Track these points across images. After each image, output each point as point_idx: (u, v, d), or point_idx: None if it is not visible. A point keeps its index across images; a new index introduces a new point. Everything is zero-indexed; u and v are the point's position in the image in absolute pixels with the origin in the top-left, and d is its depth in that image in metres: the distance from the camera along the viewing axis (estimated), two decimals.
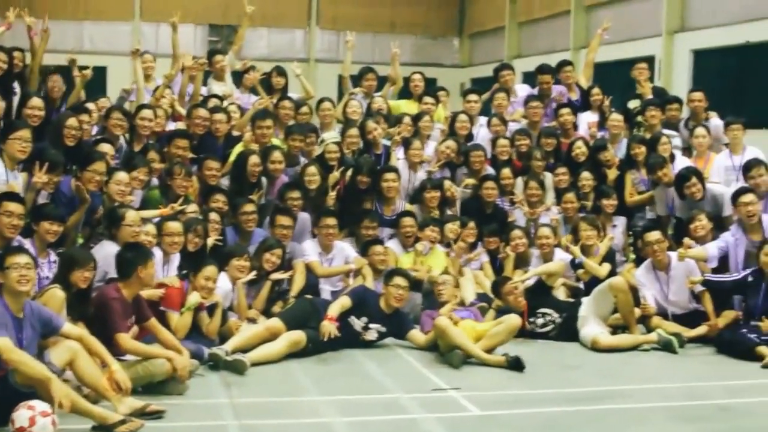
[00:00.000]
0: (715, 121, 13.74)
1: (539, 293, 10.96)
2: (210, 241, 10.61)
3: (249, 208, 11.31)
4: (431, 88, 15.50)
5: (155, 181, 11.29)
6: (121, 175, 10.26)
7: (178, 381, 8.21)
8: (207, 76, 14.38)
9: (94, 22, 37.43)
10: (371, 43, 38.86)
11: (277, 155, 12.05)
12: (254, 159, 11.80)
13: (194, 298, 9.31)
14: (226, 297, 9.98)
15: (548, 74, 14.83)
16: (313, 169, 12.16)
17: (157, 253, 9.58)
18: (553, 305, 10.94)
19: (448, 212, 12.80)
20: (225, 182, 11.89)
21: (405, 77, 15.34)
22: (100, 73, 30.10)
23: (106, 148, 10.78)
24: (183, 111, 12.89)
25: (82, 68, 13.01)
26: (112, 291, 8.25)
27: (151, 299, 8.95)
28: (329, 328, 9.62)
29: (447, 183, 12.98)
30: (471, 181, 13.15)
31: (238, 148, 12.26)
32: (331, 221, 11.59)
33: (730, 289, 10.75)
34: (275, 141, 12.69)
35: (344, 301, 9.98)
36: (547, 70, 14.90)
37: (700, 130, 13.14)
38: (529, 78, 24.69)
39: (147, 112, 11.78)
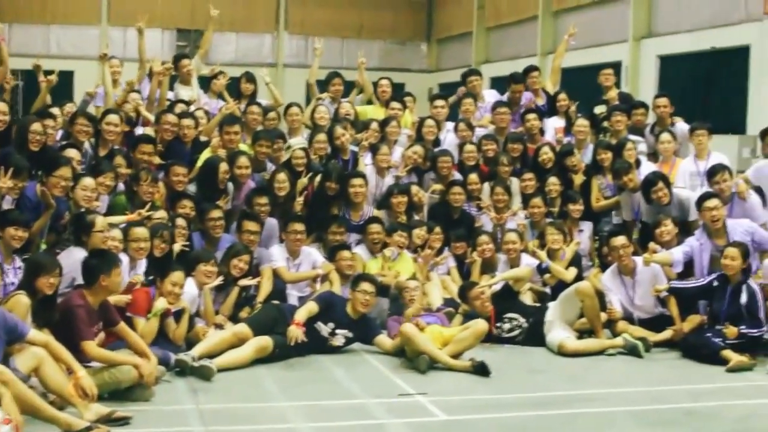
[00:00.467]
0: (681, 126, 13.82)
1: (506, 298, 11.00)
2: (177, 247, 10.58)
3: (216, 213, 11.27)
4: (398, 93, 15.49)
5: (121, 186, 11.24)
6: (88, 181, 10.20)
7: (144, 387, 8.20)
8: (173, 81, 14.34)
9: (61, 25, 37.34)
10: (339, 48, 38.98)
11: (243, 161, 12.03)
12: (224, 166, 11.78)
13: (161, 303, 9.29)
14: (192, 302, 9.94)
15: (521, 83, 14.85)
16: (282, 175, 12.13)
17: (124, 258, 9.54)
18: (520, 310, 10.98)
19: (416, 217, 12.81)
20: (192, 188, 11.87)
21: (372, 82, 15.36)
22: (67, 77, 30.06)
23: (72, 153, 10.71)
24: (150, 116, 12.84)
25: (47, 73, 12.93)
26: (77, 298, 8.21)
27: (117, 305, 8.92)
28: (296, 333, 9.62)
29: (414, 188, 12.99)
30: (438, 187, 13.17)
31: (205, 154, 12.22)
32: (299, 227, 11.56)
33: (695, 294, 10.81)
34: (242, 146, 12.66)
35: (311, 307, 9.97)
36: (520, 79, 14.91)
37: (665, 136, 13.21)
38: (497, 83, 24.79)
39: (113, 118, 11.68)
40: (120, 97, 13.05)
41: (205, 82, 14.90)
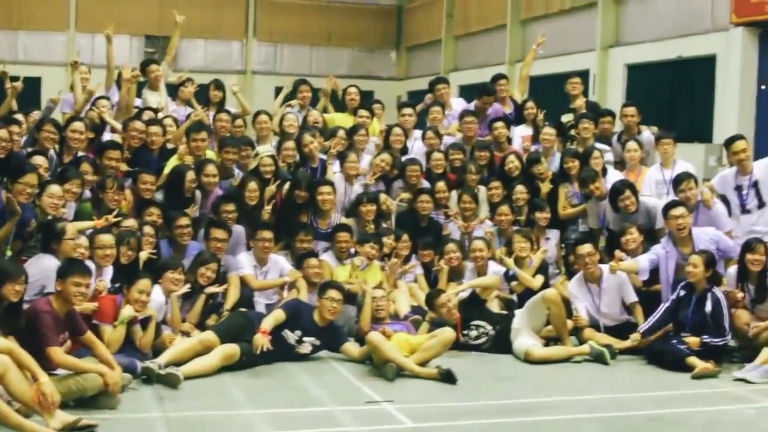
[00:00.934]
0: (647, 134, 13.92)
1: (473, 306, 11.03)
2: (143, 255, 10.55)
3: (183, 221, 11.26)
4: (366, 101, 15.51)
5: (87, 193, 11.19)
6: (54, 188, 10.11)
7: (110, 395, 8.15)
8: (141, 87, 14.29)
9: (28, 31, 37.18)
10: (308, 56, 39.01)
11: (210, 169, 12.02)
12: (191, 175, 11.77)
13: (127, 311, 9.25)
14: (159, 310, 9.90)
15: (492, 95, 14.82)
16: (253, 184, 12.09)
17: (90, 265, 9.50)
18: (487, 318, 11.00)
19: (384, 225, 12.82)
20: (159, 195, 11.83)
21: (341, 89, 15.39)
22: (35, 83, 29.93)
23: (39, 160, 10.66)
24: (117, 124, 12.76)
25: (13, 79, 12.87)
26: (44, 304, 8.16)
27: (84, 313, 8.88)
28: (262, 341, 9.60)
29: (383, 196, 13.01)
30: (406, 195, 13.18)
31: (172, 161, 12.20)
32: (268, 234, 11.54)
33: (668, 320, 10.66)
34: (209, 153, 12.65)
35: (278, 315, 9.96)
36: (492, 91, 14.87)
37: (631, 144, 13.30)
38: (465, 91, 24.85)
39: (78, 125, 11.62)
40: (79, 104, 12.98)
41: (173, 90, 14.86)
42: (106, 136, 12.67)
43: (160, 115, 13.41)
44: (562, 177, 13.24)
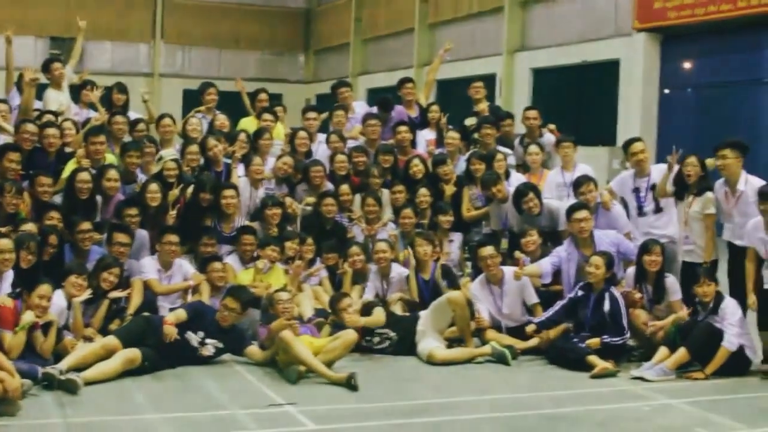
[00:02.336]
0: (548, 137, 14.14)
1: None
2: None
3: (85, 226, 11.13)
4: (272, 104, 15.51)
5: None
6: None
7: (9, 401, 8.07)
8: (42, 89, 14.08)
9: None
10: (216, 59, 38.83)
11: (112, 173, 11.89)
12: (82, 176, 11.60)
13: (28, 317, 9.13)
14: (61, 315, 9.81)
15: (388, 112, 14.85)
16: (154, 186, 12.02)
17: None
18: (390, 324, 10.94)
19: (289, 228, 12.83)
20: (58, 199, 11.69)
21: (250, 93, 15.37)
22: None
23: None
24: (9, 127, 12.56)
25: None
26: None
27: None
28: (171, 330, 9.67)
29: (288, 200, 13.03)
30: (311, 199, 13.21)
31: (71, 165, 12.05)
32: (174, 238, 11.49)
33: (564, 316, 10.89)
34: (110, 157, 12.53)
35: (179, 313, 9.97)
36: (388, 108, 14.92)
37: (533, 148, 13.48)
38: (374, 94, 24.94)
39: None
40: None
41: (77, 92, 14.71)
42: (0, 140, 12.47)
43: (61, 118, 13.26)
44: (468, 179, 13.36)
